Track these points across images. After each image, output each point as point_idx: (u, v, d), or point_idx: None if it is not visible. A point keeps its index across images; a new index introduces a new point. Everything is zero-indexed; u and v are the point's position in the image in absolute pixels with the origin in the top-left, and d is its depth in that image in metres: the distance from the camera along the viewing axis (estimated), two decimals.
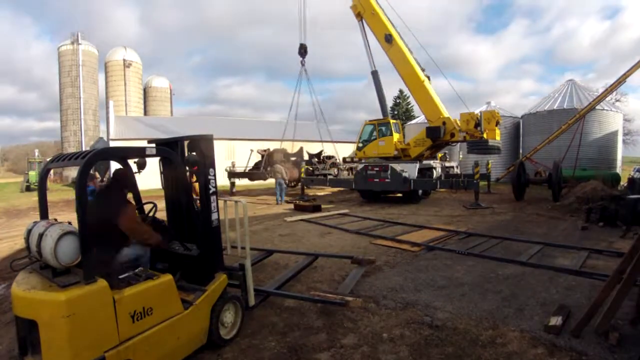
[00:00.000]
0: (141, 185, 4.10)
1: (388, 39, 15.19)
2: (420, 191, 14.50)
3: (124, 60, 41.14)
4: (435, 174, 15.63)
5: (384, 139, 15.39)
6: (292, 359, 3.46)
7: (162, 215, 4.06)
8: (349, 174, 20.60)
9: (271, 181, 18.26)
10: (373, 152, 15.74)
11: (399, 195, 14.99)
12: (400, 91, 49.99)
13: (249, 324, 4.15)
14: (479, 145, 13.70)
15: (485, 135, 13.84)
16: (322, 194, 19.09)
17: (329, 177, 19.01)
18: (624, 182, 17.64)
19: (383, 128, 15.64)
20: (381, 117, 16.36)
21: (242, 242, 4.27)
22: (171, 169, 3.75)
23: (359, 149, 16.29)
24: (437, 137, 14.38)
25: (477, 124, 13.82)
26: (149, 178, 4.01)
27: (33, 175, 26.70)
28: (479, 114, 14.09)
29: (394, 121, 16.07)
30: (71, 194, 23.68)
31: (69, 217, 14.07)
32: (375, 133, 15.77)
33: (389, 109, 17.81)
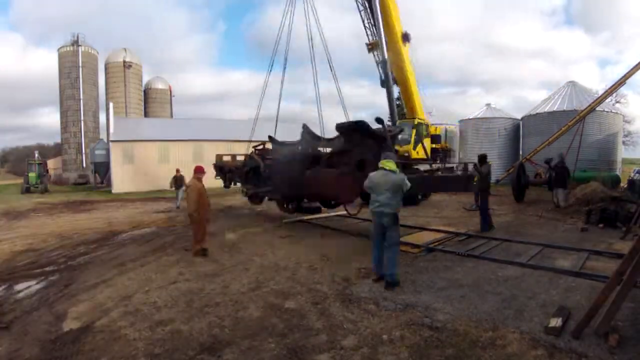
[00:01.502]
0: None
1: (407, 36, 15.03)
2: None
3: (124, 61, 41.10)
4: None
5: (426, 140, 14.82)
6: None
7: None
8: None
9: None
10: (415, 154, 14.73)
11: None
12: None
13: (249, 325, 4.16)
14: None
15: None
16: None
17: None
18: (623, 183, 17.63)
19: (423, 128, 15.07)
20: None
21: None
22: None
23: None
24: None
25: None
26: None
27: (33, 176, 26.68)
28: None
29: None
30: (71, 196, 23.68)
31: (70, 217, 13.90)
32: (416, 134, 14.92)
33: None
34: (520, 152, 26.14)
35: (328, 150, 9.23)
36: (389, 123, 15.23)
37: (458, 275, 5.65)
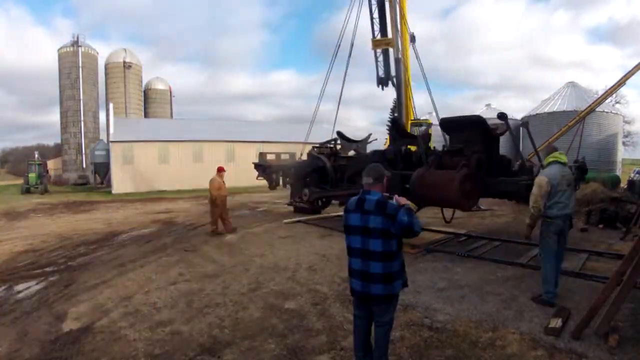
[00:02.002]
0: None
1: (413, 37, 15.16)
2: None
3: (124, 62, 41.11)
4: None
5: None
6: None
7: None
8: None
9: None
10: None
11: None
12: None
13: (249, 326, 4.16)
14: None
15: None
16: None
17: None
18: (623, 184, 17.63)
19: (432, 129, 14.97)
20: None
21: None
22: None
23: None
24: None
25: None
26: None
27: (33, 177, 26.67)
28: None
29: None
30: (71, 196, 23.67)
31: (70, 218, 13.82)
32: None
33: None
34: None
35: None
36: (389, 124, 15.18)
37: (458, 275, 5.65)
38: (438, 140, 14.04)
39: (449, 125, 7.62)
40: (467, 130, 7.13)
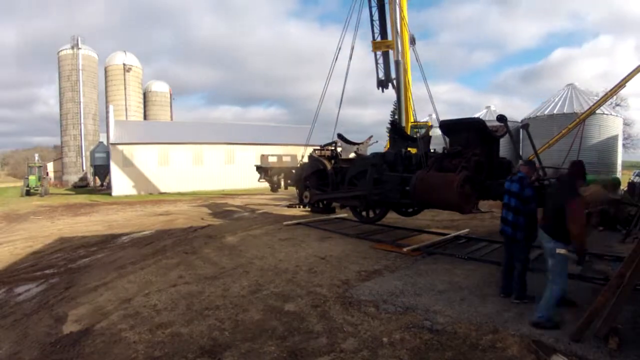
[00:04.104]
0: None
1: (413, 39, 15.15)
2: None
3: (124, 64, 41.19)
4: None
5: None
6: None
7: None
8: None
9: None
10: None
11: None
12: None
13: (249, 328, 4.15)
14: None
15: None
16: None
17: None
18: (624, 186, 17.62)
19: (430, 131, 14.97)
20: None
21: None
22: None
23: None
24: None
25: None
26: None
27: (33, 179, 26.68)
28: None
29: None
30: (71, 199, 23.68)
31: (70, 220, 13.78)
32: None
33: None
34: (521, 155, 26.12)
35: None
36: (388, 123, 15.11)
37: (458, 277, 5.65)
38: (438, 142, 14.08)
39: (448, 127, 7.68)
40: (466, 133, 7.17)
